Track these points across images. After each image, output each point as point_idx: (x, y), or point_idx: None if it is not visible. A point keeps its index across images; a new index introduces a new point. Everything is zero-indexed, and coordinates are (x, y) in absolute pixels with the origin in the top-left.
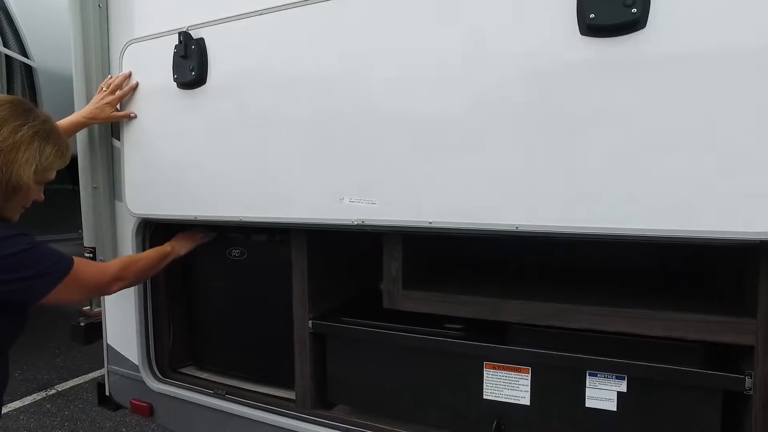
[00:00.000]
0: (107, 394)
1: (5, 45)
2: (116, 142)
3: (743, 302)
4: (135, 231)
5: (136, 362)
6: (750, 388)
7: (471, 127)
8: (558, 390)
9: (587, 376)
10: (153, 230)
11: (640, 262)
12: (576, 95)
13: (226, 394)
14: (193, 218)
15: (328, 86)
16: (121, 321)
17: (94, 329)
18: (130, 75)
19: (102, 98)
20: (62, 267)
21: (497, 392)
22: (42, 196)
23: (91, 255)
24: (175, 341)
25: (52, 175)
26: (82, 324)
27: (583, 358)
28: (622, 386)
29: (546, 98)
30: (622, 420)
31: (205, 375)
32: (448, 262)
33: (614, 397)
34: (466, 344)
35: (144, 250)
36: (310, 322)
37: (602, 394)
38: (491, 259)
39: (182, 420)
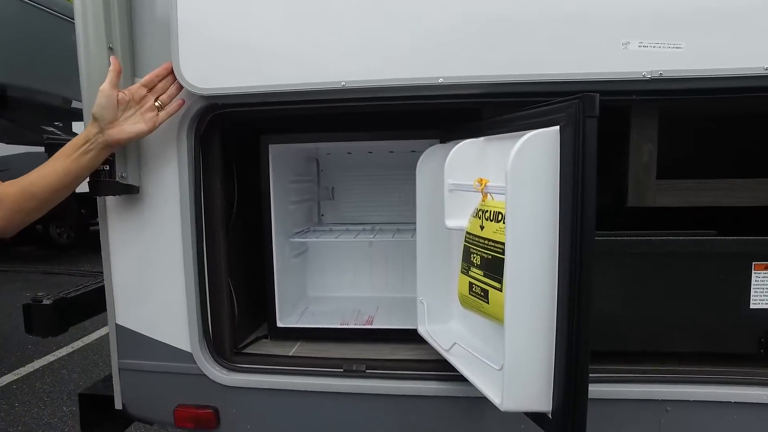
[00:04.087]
0: (119, 407)
1: None
2: None
3: None
4: (189, 125)
5: (185, 347)
6: None
7: None
8: None
9: None
10: (211, 129)
11: None
12: None
13: (366, 369)
14: (339, 85)
15: None
16: (144, 286)
17: (73, 307)
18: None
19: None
20: None
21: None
22: None
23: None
24: (241, 312)
25: None
26: (46, 302)
27: None
28: None
29: None
30: None
31: (290, 351)
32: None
33: None
34: (737, 240)
35: (197, 156)
36: None
37: None
38: None
39: (279, 424)
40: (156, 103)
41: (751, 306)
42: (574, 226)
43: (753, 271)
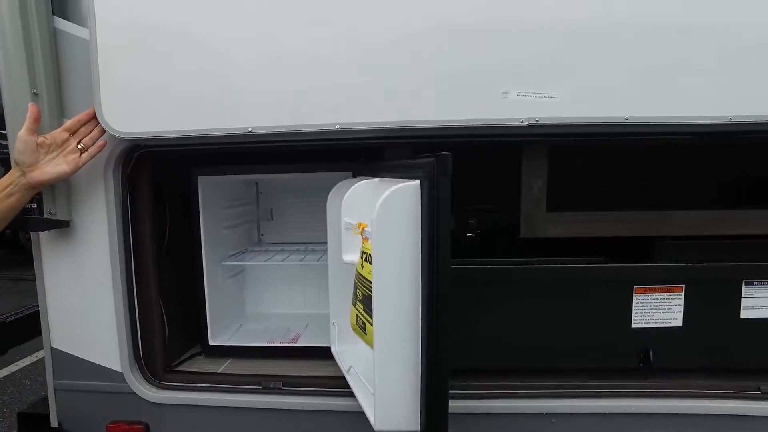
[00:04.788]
0: (54, 425)
1: None
2: (63, 25)
3: None
4: (114, 165)
5: (116, 367)
6: None
7: None
8: (712, 305)
9: (744, 286)
10: (139, 166)
11: None
12: None
13: (282, 386)
14: (247, 131)
15: None
16: (77, 310)
17: (10, 331)
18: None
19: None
20: None
21: (648, 318)
22: None
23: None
24: (171, 332)
25: None
26: None
27: (741, 266)
28: None
29: None
30: None
31: (219, 368)
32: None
33: None
34: (620, 268)
35: (127, 193)
36: None
37: (758, 302)
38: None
39: None
40: (79, 146)
41: (632, 325)
42: (431, 268)
43: (634, 294)
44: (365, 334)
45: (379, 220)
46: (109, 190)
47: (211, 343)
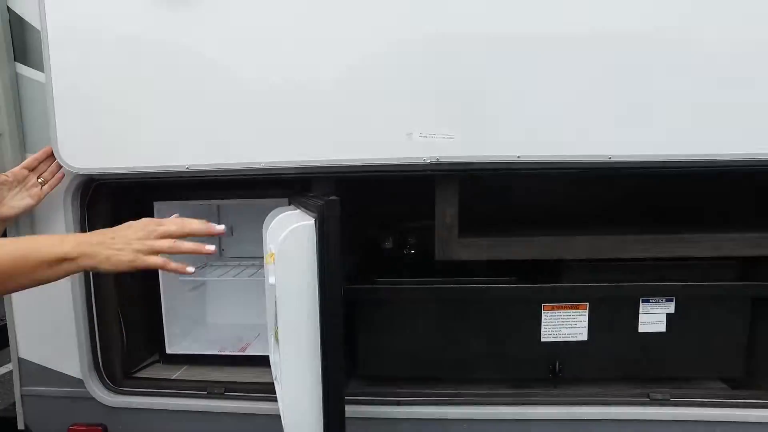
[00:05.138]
0: (21, 427)
1: None
2: (24, 70)
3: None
4: (73, 194)
5: (77, 375)
6: None
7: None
8: (613, 321)
9: (641, 303)
10: (97, 194)
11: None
12: None
13: (225, 391)
14: (184, 168)
15: None
16: (42, 323)
17: None
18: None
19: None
20: None
21: (555, 332)
22: None
23: None
24: (129, 340)
25: None
26: None
27: (638, 285)
28: (671, 308)
29: None
30: (669, 338)
31: (174, 375)
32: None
33: (664, 319)
34: (528, 287)
35: (85, 219)
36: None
37: (654, 317)
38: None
39: None
40: (39, 180)
41: (542, 339)
42: (324, 297)
43: (542, 311)
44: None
45: (280, 253)
46: (68, 217)
47: (168, 351)
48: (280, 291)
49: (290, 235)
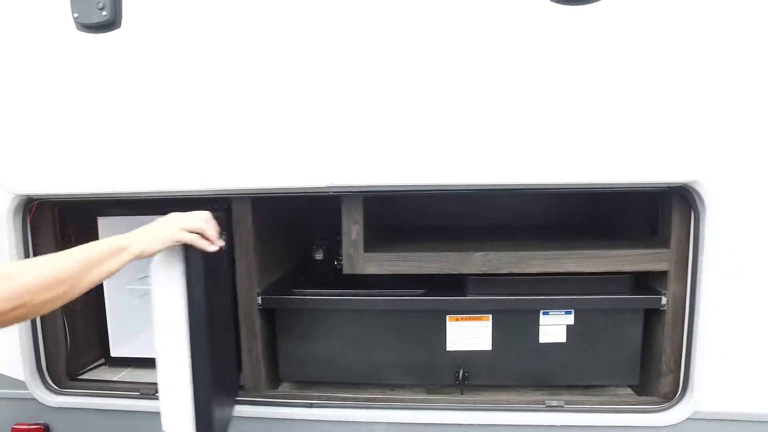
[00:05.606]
0: None
1: None
2: None
3: (655, 238)
4: (13, 213)
5: (20, 377)
6: (665, 305)
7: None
8: (516, 332)
9: (541, 315)
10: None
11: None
12: None
13: (155, 393)
14: (109, 192)
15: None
16: None
17: None
18: None
19: None
20: None
21: (460, 342)
22: None
23: None
24: (73, 344)
25: None
26: None
27: (538, 299)
28: (570, 319)
29: None
30: (569, 348)
31: (110, 376)
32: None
33: (564, 330)
34: (432, 300)
35: (25, 233)
36: (259, 297)
37: (553, 329)
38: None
39: None
40: None
41: (448, 348)
42: (191, 313)
43: (447, 322)
44: None
45: (153, 275)
46: (11, 233)
47: (113, 354)
48: (155, 309)
49: (163, 256)
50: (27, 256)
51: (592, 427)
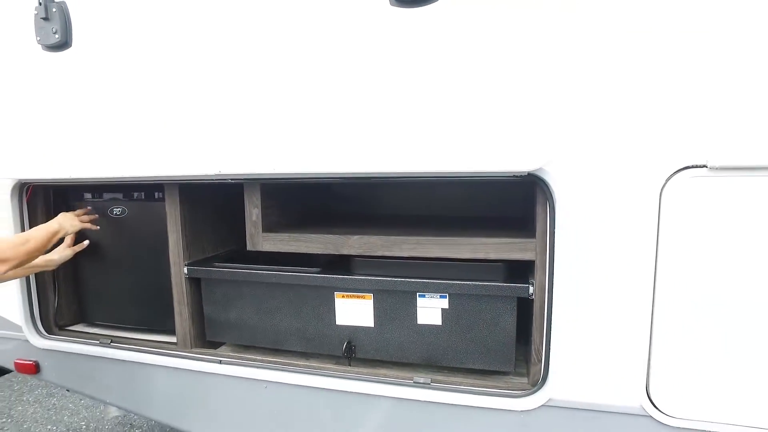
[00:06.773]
0: None
1: None
2: None
3: (527, 227)
4: (12, 192)
5: (19, 322)
6: (532, 294)
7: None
8: (395, 311)
9: (417, 297)
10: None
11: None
12: None
13: (111, 342)
14: (69, 178)
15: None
16: None
17: None
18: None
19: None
20: None
21: (347, 318)
22: None
23: None
24: (62, 301)
25: None
26: None
27: (413, 281)
28: (445, 303)
29: None
30: (445, 331)
31: (94, 330)
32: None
33: (439, 313)
34: (321, 277)
35: (22, 212)
36: (186, 267)
37: (430, 312)
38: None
39: (69, 373)
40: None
41: (337, 323)
42: None
43: (336, 298)
44: None
45: None
46: (13, 211)
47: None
48: None
49: None
50: (23, 230)
51: (453, 406)
